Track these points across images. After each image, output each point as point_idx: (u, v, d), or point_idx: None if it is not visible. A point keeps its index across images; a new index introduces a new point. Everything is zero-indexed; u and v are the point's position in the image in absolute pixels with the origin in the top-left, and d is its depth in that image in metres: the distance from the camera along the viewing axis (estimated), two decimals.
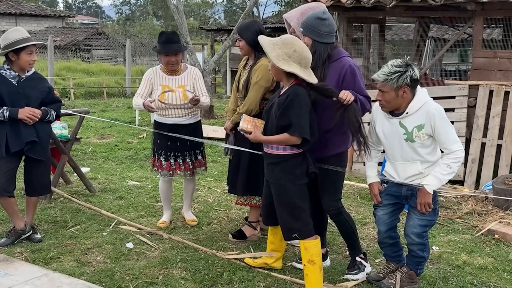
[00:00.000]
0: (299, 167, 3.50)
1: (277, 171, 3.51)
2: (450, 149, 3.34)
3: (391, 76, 3.32)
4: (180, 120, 4.63)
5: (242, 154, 4.34)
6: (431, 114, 3.34)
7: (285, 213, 3.52)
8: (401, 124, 3.42)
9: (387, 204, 3.64)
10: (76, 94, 17.47)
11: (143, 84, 4.68)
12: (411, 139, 3.40)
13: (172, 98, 4.56)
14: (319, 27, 3.62)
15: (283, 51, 3.39)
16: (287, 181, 3.48)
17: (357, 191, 6.21)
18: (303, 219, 3.50)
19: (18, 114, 4.18)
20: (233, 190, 4.56)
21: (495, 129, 6.48)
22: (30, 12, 28.50)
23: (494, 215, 5.27)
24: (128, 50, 19.68)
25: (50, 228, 4.79)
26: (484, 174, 6.41)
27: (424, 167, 3.43)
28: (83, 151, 8.29)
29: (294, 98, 3.38)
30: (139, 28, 36.53)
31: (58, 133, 5.72)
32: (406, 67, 3.34)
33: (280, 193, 3.52)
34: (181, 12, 12.04)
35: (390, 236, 3.71)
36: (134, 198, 5.79)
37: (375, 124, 3.60)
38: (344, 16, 7.69)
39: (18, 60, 4.24)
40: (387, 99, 3.39)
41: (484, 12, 6.72)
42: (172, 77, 4.63)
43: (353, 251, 3.97)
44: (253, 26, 4.37)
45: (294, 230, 3.50)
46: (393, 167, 3.55)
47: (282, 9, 22.76)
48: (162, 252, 4.29)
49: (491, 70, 6.71)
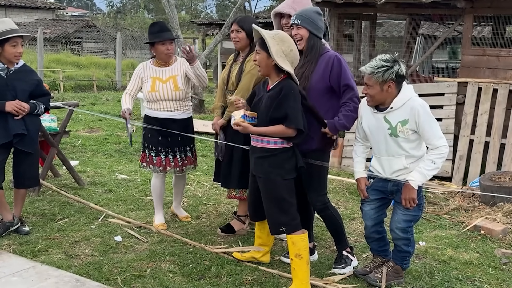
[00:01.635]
0: (289, 162, 3.52)
1: (266, 165, 3.52)
2: (435, 144, 3.38)
3: (378, 69, 3.36)
4: (171, 115, 4.55)
5: (234, 148, 4.34)
6: (415, 110, 3.37)
7: (272, 207, 3.53)
8: (385, 119, 3.46)
9: (373, 199, 3.68)
10: (66, 87, 17.35)
11: (133, 80, 4.62)
12: (395, 134, 3.43)
13: (163, 89, 4.50)
14: (317, 21, 3.67)
15: (281, 48, 3.41)
16: (276, 175, 3.50)
17: (346, 187, 6.25)
18: (291, 214, 3.52)
19: (6, 107, 4.16)
20: (226, 184, 4.53)
21: (483, 126, 6.54)
22: (20, 4, 28.22)
23: (480, 211, 5.33)
24: (119, 43, 19.57)
25: (38, 220, 4.78)
26: (471, 170, 6.48)
27: (409, 162, 3.46)
28: (72, 144, 8.26)
29: (289, 92, 3.41)
30: (130, 21, 36.32)
31: (47, 125, 5.70)
32: (393, 62, 3.38)
33: (269, 187, 3.53)
34: (172, 6, 11.99)
35: (376, 231, 3.75)
36: (123, 192, 5.78)
37: (362, 120, 3.63)
38: (335, 12, 7.72)
39: (3, 52, 4.21)
40: (372, 93, 3.43)
41: (474, 10, 6.77)
42: (162, 69, 4.57)
43: (340, 245, 4.01)
44: (252, 19, 4.41)
45: (282, 224, 3.52)
46: (379, 162, 3.59)
47: (274, 3, 22.78)
48: (151, 245, 4.30)
49: (480, 68, 6.77)
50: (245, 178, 4.35)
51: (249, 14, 19.86)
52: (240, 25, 4.32)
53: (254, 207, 3.78)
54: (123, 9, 44.72)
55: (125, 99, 4.54)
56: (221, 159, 4.45)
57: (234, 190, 4.50)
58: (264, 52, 3.45)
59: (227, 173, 4.45)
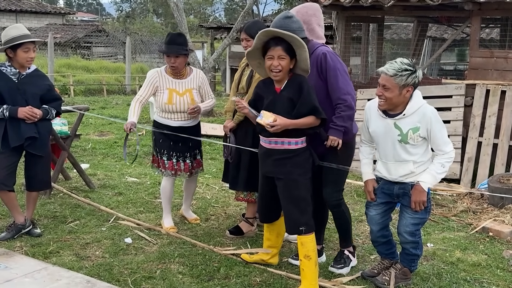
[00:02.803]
0: (308, 161, 3.59)
1: (289, 166, 3.53)
2: (444, 150, 3.40)
3: (402, 72, 3.29)
4: (184, 123, 4.59)
5: (242, 151, 4.37)
6: (427, 117, 3.36)
7: (293, 207, 3.54)
8: (396, 125, 3.43)
9: (379, 203, 3.67)
10: (76, 91, 17.50)
11: (146, 86, 4.56)
12: (405, 141, 3.42)
13: (180, 102, 4.51)
14: (289, 25, 3.64)
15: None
16: (299, 175, 3.53)
17: (354, 189, 6.26)
18: (308, 213, 3.55)
19: (18, 113, 4.23)
20: (234, 186, 4.56)
21: (491, 128, 6.54)
22: (31, 9, 28.49)
23: (489, 213, 5.32)
24: (128, 47, 19.71)
25: (49, 223, 4.84)
26: (480, 172, 6.47)
27: (415, 167, 3.47)
28: (82, 147, 8.34)
29: (309, 87, 3.49)
30: (139, 25, 36.53)
31: (58, 129, 5.78)
32: (414, 67, 3.35)
33: (291, 188, 3.54)
34: (181, 10, 12.08)
35: (383, 235, 3.76)
36: (133, 194, 5.84)
37: (369, 124, 3.60)
38: (342, 15, 7.74)
39: (15, 57, 4.29)
40: (389, 96, 3.35)
41: (481, 12, 6.77)
42: (179, 81, 4.56)
43: (344, 243, 4.04)
44: (261, 25, 4.34)
45: (302, 224, 3.52)
46: (385, 167, 3.57)
47: (282, 7, 22.78)
48: (160, 247, 4.34)
49: (488, 70, 6.77)
50: (253, 181, 4.38)
51: (257, 18, 19.92)
52: (248, 33, 4.30)
53: (266, 209, 3.80)
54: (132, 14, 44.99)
55: (134, 108, 4.48)
56: (231, 160, 4.49)
57: (242, 192, 4.54)
58: (288, 58, 3.45)
59: (235, 176, 4.50)
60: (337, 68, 3.68)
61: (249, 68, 4.42)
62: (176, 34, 4.57)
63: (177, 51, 4.44)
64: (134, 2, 47.41)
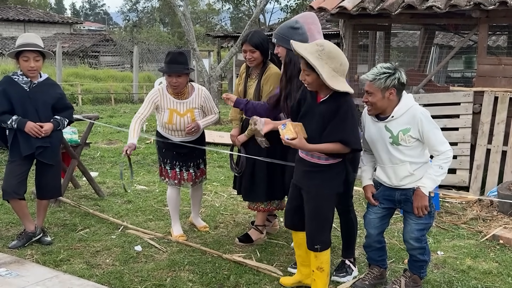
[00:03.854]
0: (339, 176, 3.43)
1: (317, 180, 3.41)
2: (441, 150, 3.40)
3: (380, 76, 3.38)
4: (187, 139, 4.61)
5: (256, 162, 4.32)
6: (418, 118, 3.39)
7: (311, 222, 3.46)
8: (386, 127, 3.47)
9: (380, 208, 3.68)
10: (84, 100, 17.62)
11: (146, 104, 4.50)
12: (396, 143, 3.45)
13: (181, 122, 4.50)
14: (292, 36, 3.65)
15: (330, 66, 3.21)
16: (324, 191, 3.42)
17: (361, 196, 6.25)
18: (327, 231, 3.49)
19: (25, 128, 4.25)
20: (251, 197, 4.52)
21: (500, 136, 6.52)
22: (39, 19, 28.79)
23: (499, 221, 5.30)
24: (136, 56, 19.84)
25: (59, 231, 4.87)
26: (489, 180, 6.44)
27: (413, 169, 3.47)
28: (91, 156, 8.39)
29: (348, 110, 3.26)
30: (146, 34, 36.76)
31: (68, 138, 5.81)
32: (394, 69, 3.41)
33: (315, 202, 3.44)
34: (189, 19, 12.15)
35: (378, 241, 3.76)
36: (142, 202, 5.86)
37: (364, 130, 3.65)
38: (349, 23, 7.76)
39: (20, 66, 4.33)
40: (373, 101, 3.43)
41: (489, 19, 6.77)
42: (180, 101, 4.50)
43: (346, 252, 4.02)
44: (262, 35, 4.36)
45: (317, 241, 3.46)
46: (384, 171, 3.59)
47: (288, 16, 22.88)
48: (170, 255, 4.36)
49: (496, 77, 6.75)
50: (272, 191, 4.39)
51: (263, 27, 20.01)
52: (252, 44, 4.25)
53: (292, 214, 3.68)
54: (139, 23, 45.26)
55: (134, 128, 4.39)
56: (238, 174, 4.49)
57: (262, 203, 4.52)
58: (313, 73, 3.23)
59: (250, 187, 4.45)
60: None
61: (252, 79, 4.42)
62: (177, 53, 4.45)
63: (178, 70, 4.34)
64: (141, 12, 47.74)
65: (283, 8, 23.82)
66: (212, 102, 4.72)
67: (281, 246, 4.61)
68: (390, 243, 4.63)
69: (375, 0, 7.23)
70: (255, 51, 4.27)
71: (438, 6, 6.63)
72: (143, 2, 46.67)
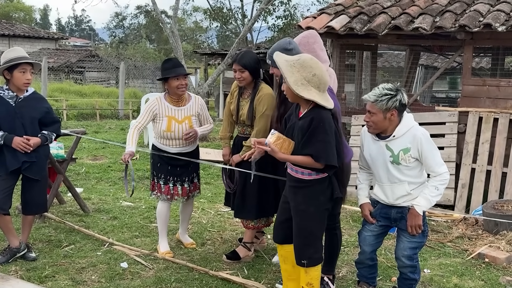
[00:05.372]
0: (324, 193, 3.40)
1: (300, 196, 3.41)
2: (437, 172, 3.44)
3: (382, 97, 3.40)
4: (183, 149, 4.60)
5: (247, 180, 4.31)
6: (418, 138, 3.42)
7: (297, 237, 3.45)
8: (387, 147, 3.50)
9: (377, 226, 3.70)
10: (69, 116, 17.49)
11: (144, 113, 4.56)
12: (397, 162, 3.48)
13: (179, 129, 4.52)
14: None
15: (302, 75, 3.26)
16: (309, 207, 3.39)
17: (349, 214, 6.27)
18: (314, 247, 3.46)
19: (12, 143, 4.22)
20: (242, 215, 4.54)
21: (484, 155, 6.60)
22: (24, 34, 28.60)
23: (484, 239, 5.34)
24: (122, 72, 19.80)
25: (44, 247, 4.80)
26: (474, 199, 6.51)
27: (411, 188, 3.50)
28: (76, 171, 8.31)
29: (319, 124, 3.25)
30: (133, 51, 36.73)
31: (54, 153, 5.76)
32: (396, 91, 3.43)
33: (300, 218, 3.43)
34: (177, 36, 12.20)
35: (371, 258, 3.77)
36: (128, 219, 5.80)
37: (363, 148, 3.67)
38: (337, 43, 7.86)
39: (12, 78, 4.30)
40: (374, 121, 3.46)
41: (473, 41, 6.90)
42: (178, 108, 4.57)
43: (327, 268, 4.00)
44: (253, 55, 4.41)
45: (304, 257, 3.44)
46: (382, 189, 3.61)
47: (275, 34, 23.06)
48: (157, 272, 4.31)
49: (480, 98, 6.87)
50: (262, 208, 4.39)
51: (251, 45, 20.12)
52: (241, 64, 4.31)
53: (281, 228, 3.64)
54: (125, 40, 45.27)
55: (132, 136, 4.43)
56: (231, 191, 4.49)
57: (252, 220, 4.52)
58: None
59: (241, 204, 4.46)
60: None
61: (244, 99, 4.44)
62: (175, 58, 4.67)
63: (185, 72, 4.56)
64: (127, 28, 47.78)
65: (271, 27, 24.04)
66: (207, 112, 4.78)
67: (269, 264, 4.59)
68: (378, 261, 4.62)
69: (363, 21, 7.34)
70: (244, 70, 4.32)
71: (424, 28, 6.76)
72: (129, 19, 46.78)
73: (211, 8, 24.87)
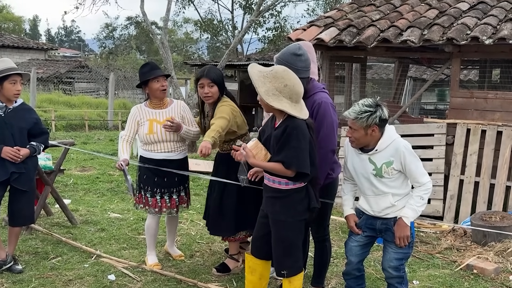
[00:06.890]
0: (301, 203, 3.42)
1: (277, 206, 3.43)
2: (421, 182, 3.45)
3: (362, 115, 3.39)
4: (169, 155, 4.51)
5: (224, 194, 4.31)
6: (400, 151, 3.43)
7: (276, 247, 3.46)
8: (370, 160, 3.51)
9: (362, 236, 3.69)
10: (58, 126, 17.40)
11: (129, 124, 4.55)
12: (380, 175, 3.48)
13: (161, 131, 4.44)
14: (295, 62, 3.61)
15: (273, 85, 3.30)
16: (287, 217, 3.40)
17: (338, 226, 6.27)
18: (295, 256, 3.47)
19: (2, 153, 4.20)
20: (219, 232, 4.52)
21: (472, 167, 6.65)
22: (13, 44, 28.43)
23: (472, 250, 5.36)
24: (112, 83, 19.77)
25: (31, 259, 4.74)
26: (462, 210, 6.54)
27: (395, 200, 3.50)
28: (64, 183, 8.24)
29: (292, 132, 3.29)
30: (123, 62, 36.67)
31: (42, 164, 5.70)
32: (376, 107, 3.42)
33: (278, 228, 3.44)
34: (167, 47, 12.20)
35: (358, 269, 3.76)
36: (116, 230, 5.76)
37: (347, 160, 3.67)
38: (327, 55, 7.91)
39: (2, 90, 4.28)
40: (356, 136, 3.47)
41: (461, 54, 6.97)
42: (160, 111, 4.54)
43: (317, 280, 4.00)
44: (218, 71, 4.41)
45: (284, 267, 3.45)
46: (366, 201, 3.62)
47: (266, 46, 23.15)
48: (144, 284, 4.27)
49: (468, 109, 6.93)
50: (240, 222, 4.34)
51: (241, 56, 20.18)
52: (210, 78, 4.26)
53: (260, 243, 3.63)
54: (115, 50, 45.20)
55: (123, 147, 4.45)
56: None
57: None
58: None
59: (218, 220, 4.41)
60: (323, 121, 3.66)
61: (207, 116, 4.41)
62: (152, 62, 4.69)
63: (163, 73, 4.51)
64: (117, 39, 47.70)
65: (261, 39, 24.13)
66: (191, 115, 4.68)
67: None
68: (367, 272, 4.61)
69: (352, 33, 7.40)
70: (213, 85, 4.27)
71: (412, 40, 6.82)
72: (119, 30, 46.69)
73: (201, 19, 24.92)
